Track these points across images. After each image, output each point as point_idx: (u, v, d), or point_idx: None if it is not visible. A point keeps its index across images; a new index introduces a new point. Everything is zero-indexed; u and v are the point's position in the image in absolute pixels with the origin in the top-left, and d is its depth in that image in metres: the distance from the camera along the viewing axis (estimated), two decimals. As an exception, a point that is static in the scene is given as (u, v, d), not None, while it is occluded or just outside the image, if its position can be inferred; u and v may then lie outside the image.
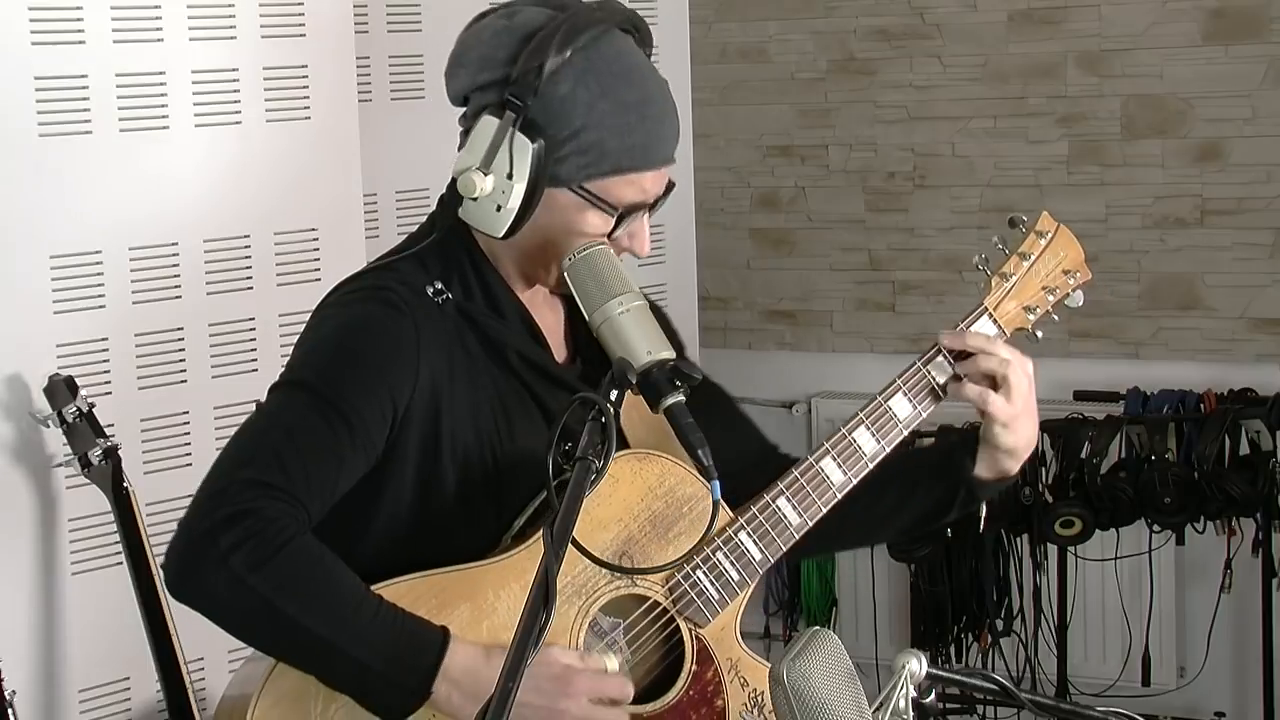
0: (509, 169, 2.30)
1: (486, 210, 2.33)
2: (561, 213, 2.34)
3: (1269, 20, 4.79)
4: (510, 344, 2.37)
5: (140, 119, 3.59)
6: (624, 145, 2.32)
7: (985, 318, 2.52)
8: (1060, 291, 2.57)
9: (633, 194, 2.34)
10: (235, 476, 2.24)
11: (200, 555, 2.20)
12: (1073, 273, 2.58)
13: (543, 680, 2.25)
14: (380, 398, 2.28)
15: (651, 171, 2.36)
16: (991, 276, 2.55)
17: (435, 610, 2.27)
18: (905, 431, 2.49)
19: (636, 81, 2.34)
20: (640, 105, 2.33)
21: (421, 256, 2.38)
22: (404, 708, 2.23)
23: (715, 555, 2.40)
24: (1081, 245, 2.60)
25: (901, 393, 2.49)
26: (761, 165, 5.41)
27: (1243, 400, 4.74)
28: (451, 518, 2.33)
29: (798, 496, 2.44)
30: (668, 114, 2.38)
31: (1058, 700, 2.40)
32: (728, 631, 2.42)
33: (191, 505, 2.25)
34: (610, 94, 2.31)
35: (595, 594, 2.35)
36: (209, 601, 2.23)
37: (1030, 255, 2.55)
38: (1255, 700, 4.82)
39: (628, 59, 2.35)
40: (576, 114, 2.30)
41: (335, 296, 2.40)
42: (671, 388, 2.15)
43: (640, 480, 2.38)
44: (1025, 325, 2.56)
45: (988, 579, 4.89)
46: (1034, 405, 2.50)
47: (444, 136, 2.43)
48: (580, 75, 2.31)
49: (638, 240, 2.39)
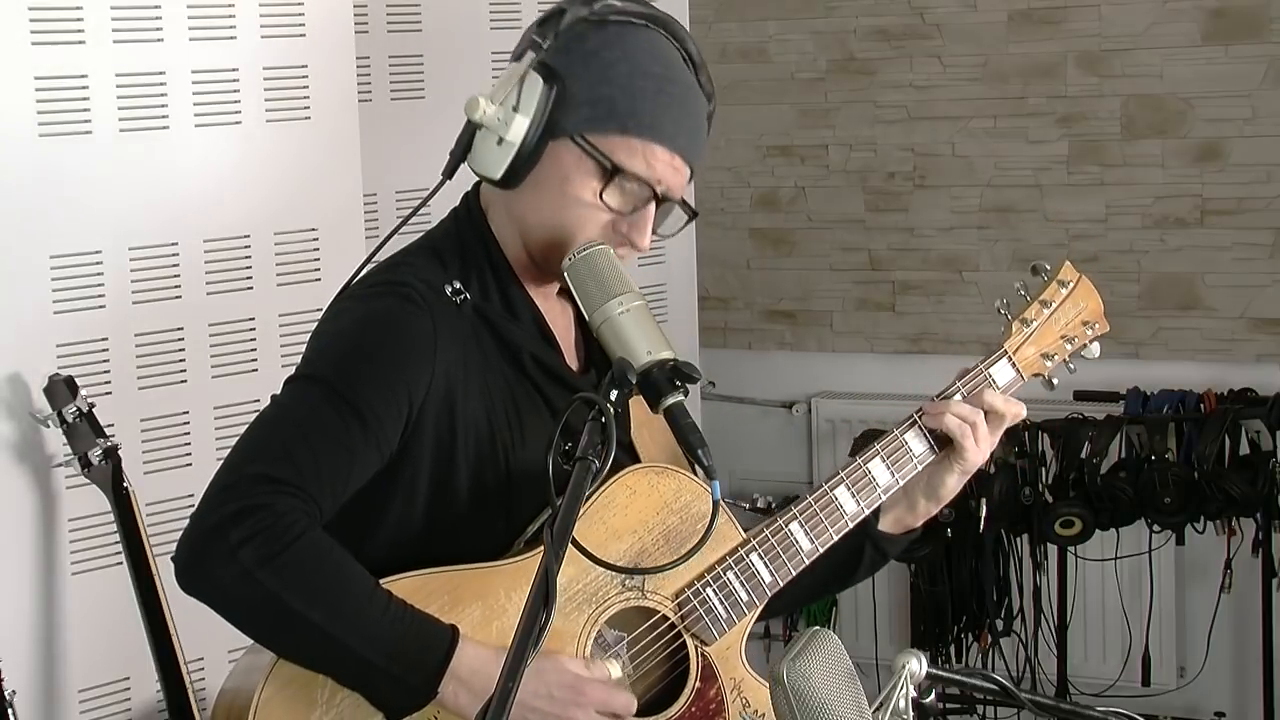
0: (516, 102, 2.30)
1: (489, 147, 2.32)
2: (562, 167, 2.31)
3: (1269, 20, 4.79)
4: (525, 347, 2.36)
5: (140, 119, 3.59)
6: (634, 108, 2.30)
7: (1005, 361, 2.55)
8: (1078, 342, 2.61)
9: (635, 163, 2.32)
10: (246, 470, 2.23)
11: (209, 549, 2.20)
12: (1091, 324, 2.63)
13: (554, 687, 2.25)
14: (396, 394, 2.27)
15: (659, 147, 2.32)
16: (1012, 321, 2.58)
17: (448, 607, 2.26)
18: (920, 467, 2.51)
19: (664, 64, 2.34)
20: (662, 80, 2.32)
21: (439, 252, 2.38)
22: (410, 705, 2.23)
23: (726, 574, 2.40)
24: (1100, 296, 2.64)
25: (917, 429, 2.51)
26: (761, 165, 5.41)
27: (1243, 400, 4.75)
28: (462, 518, 2.32)
29: (810, 522, 2.45)
30: (691, 104, 2.35)
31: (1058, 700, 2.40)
32: (733, 651, 2.41)
33: (202, 499, 2.24)
34: (634, 61, 2.31)
35: (605, 603, 2.34)
36: (217, 595, 2.22)
37: (1051, 303, 2.60)
38: (1255, 700, 4.82)
39: (663, 50, 2.35)
40: (595, 68, 2.30)
41: (353, 290, 2.38)
42: (671, 388, 2.15)
43: (657, 494, 2.38)
44: (1043, 372, 2.59)
45: (988, 579, 4.89)
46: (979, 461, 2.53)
47: (444, 136, 2.43)
48: (610, 39, 2.32)
49: (637, 230, 2.35)
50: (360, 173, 3.93)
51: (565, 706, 2.25)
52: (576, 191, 2.32)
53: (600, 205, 2.33)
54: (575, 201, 2.32)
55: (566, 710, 2.25)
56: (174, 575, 2.24)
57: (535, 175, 2.32)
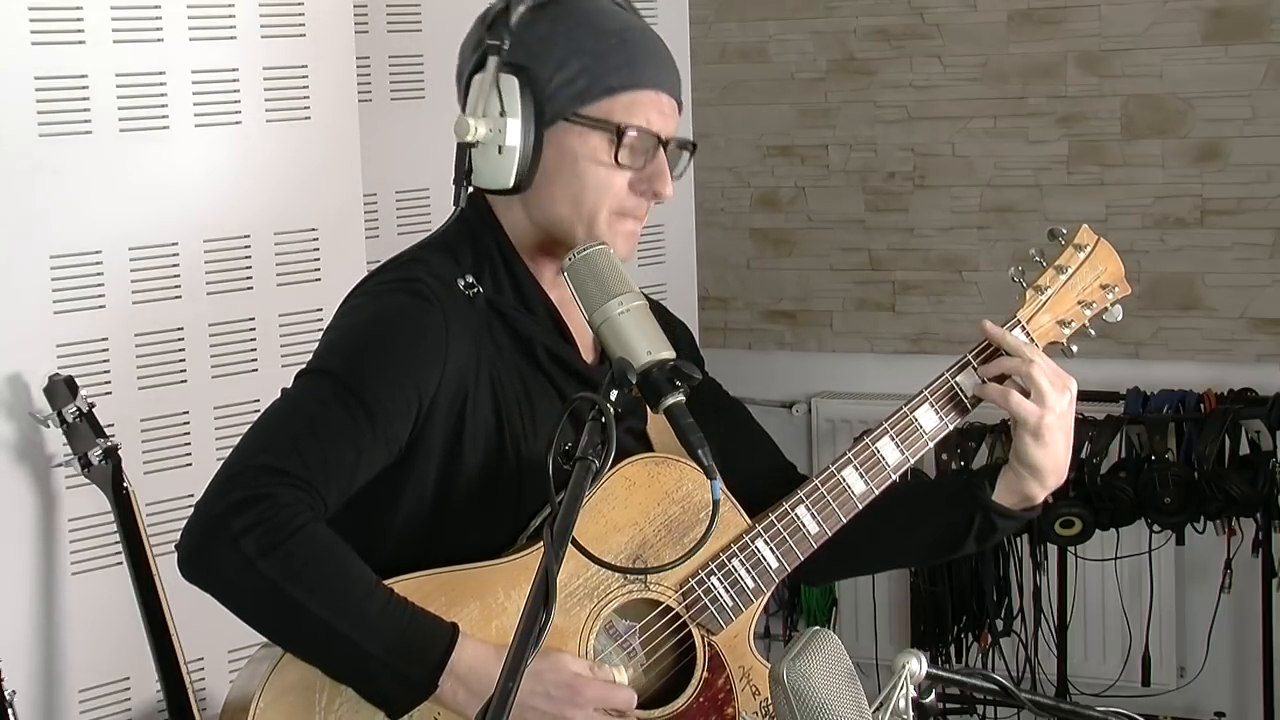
0: (500, 107, 2.32)
1: (491, 159, 2.33)
2: (568, 149, 2.34)
3: (1269, 20, 4.79)
4: (539, 339, 2.37)
5: (140, 119, 3.59)
6: (608, 65, 2.33)
7: (1018, 330, 2.50)
8: (1097, 306, 2.54)
9: (633, 116, 2.34)
10: (253, 461, 2.24)
11: (212, 537, 2.20)
12: (1111, 287, 2.56)
13: (552, 687, 2.24)
14: (405, 390, 2.28)
15: (645, 93, 2.35)
16: (1026, 289, 2.52)
17: (445, 607, 2.26)
18: (931, 444, 2.47)
19: (613, 16, 2.38)
20: (621, 31, 2.36)
21: (452, 247, 2.38)
22: (409, 700, 2.23)
23: (731, 562, 2.39)
24: (1122, 259, 2.56)
25: (928, 404, 2.47)
26: (761, 165, 5.41)
27: (1243, 400, 4.74)
28: (472, 515, 2.32)
29: (817, 505, 2.43)
30: (653, 43, 2.39)
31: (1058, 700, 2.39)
32: (741, 639, 2.41)
33: (208, 487, 2.25)
34: (586, 25, 2.35)
35: (607, 597, 2.34)
36: (218, 583, 2.22)
37: (1067, 269, 2.53)
38: (1255, 700, 4.82)
39: (603, 5, 2.38)
40: (557, 46, 2.33)
41: (366, 286, 2.39)
42: (671, 388, 2.14)
43: (657, 485, 2.37)
44: (1060, 339, 2.53)
45: (988, 579, 4.89)
46: (1069, 425, 2.45)
47: (444, 136, 2.43)
48: (556, 16, 2.35)
49: (659, 179, 2.36)
50: (360, 173, 3.93)
51: (562, 706, 2.25)
52: (591, 166, 2.34)
53: (617, 169, 2.34)
54: (593, 175, 2.34)
55: (564, 710, 2.25)
56: (176, 563, 2.24)
57: (544, 168, 2.34)
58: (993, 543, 2.54)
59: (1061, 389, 2.42)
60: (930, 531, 2.54)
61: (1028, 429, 2.42)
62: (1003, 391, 2.43)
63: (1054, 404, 2.41)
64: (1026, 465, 2.45)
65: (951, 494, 2.54)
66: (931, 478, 4.65)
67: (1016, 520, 2.51)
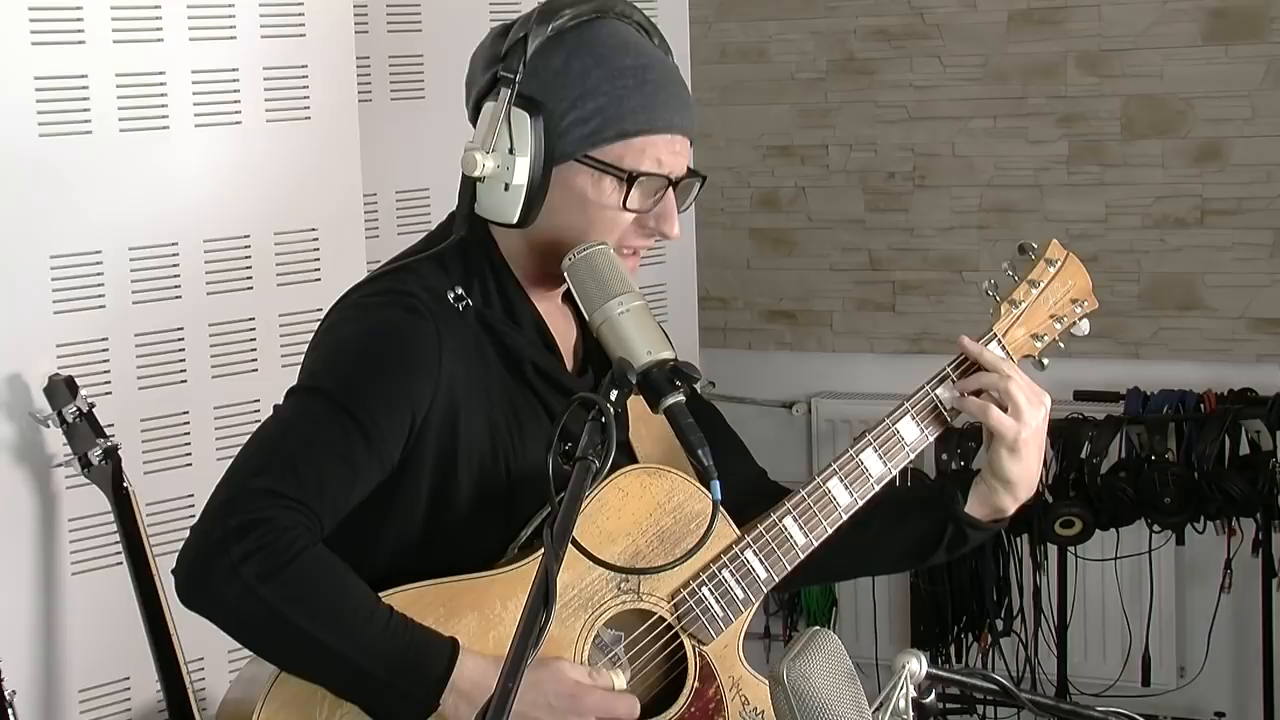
0: (510, 144, 2.29)
1: (496, 194, 2.30)
2: (576, 189, 2.31)
3: (1269, 20, 4.79)
4: (526, 354, 2.35)
5: (140, 119, 3.58)
6: (624, 109, 2.29)
7: (994, 344, 2.52)
8: (1067, 320, 2.59)
9: (644, 161, 2.31)
10: (248, 485, 2.22)
11: (211, 565, 2.19)
12: (1080, 301, 2.60)
13: (553, 697, 2.24)
14: (400, 408, 2.26)
15: (659, 136, 2.31)
16: (1001, 303, 2.56)
17: (443, 619, 2.26)
18: (912, 455, 2.49)
19: (633, 53, 2.33)
20: (638, 70, 2.31)
21: (442, 258, 2.36)
22: (411, 717, 2.23)
23: (721, 573, 2.39)
24: (1088, 272, 2.60)
25: (910, 416, 2.48)
26: (761, 165, 5.41)
27: (1243, 400, 4.75)
28: (463, 529, 2.32)
29: (804, 516, 2.44)
30: (671, 81, 2.34)
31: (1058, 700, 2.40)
32: (731, 649, 2.41)
33: (204, 512, 2.23)
34: (605, 63, 2.30)
35: (602, 607, 2.34)
36: (220, 611, 2.22)
37: (1039, 283, 2.57)
38: (1255, 700, 4.82)
39: (623, 36, 2.34)
40: (572, 84, 2.29)
41: (355, 298, 2.36)
42: (671, 388, 2.14)
43: (649, 495, 2.37)
44: (1033, 353, 2.57)
45: (988, 579, 4.89)
46: (1043, 439, 2.48)
47: (444, 136, 2.44)
48: (573, 49, 2.30)
49: (665, 221, 2.35)
50: (360, 173, 3.93)
51: (564, 715, 2.25)
52: (598, 208, 2.32)
53: (625, 211, 2.32)
54: (599, 216, 2.32)
55: (565, 719, 2.25)
56: (174, 591, 2.23)
57: (550, 204, 2.31)
58: (962, 552, 2.58)
59: (1037, 405, 2.46)
60: (901, 542, 2.56)
61: (1005, 443, 2.45)
62: (982, 406, 2.46)
63: (1030, 419, 2.45)
64: (1000, 478, 2.48)
65: (924, 506, 2.55)
66: (931, 478, 4.67)
67: (986, 532, 2.54)
